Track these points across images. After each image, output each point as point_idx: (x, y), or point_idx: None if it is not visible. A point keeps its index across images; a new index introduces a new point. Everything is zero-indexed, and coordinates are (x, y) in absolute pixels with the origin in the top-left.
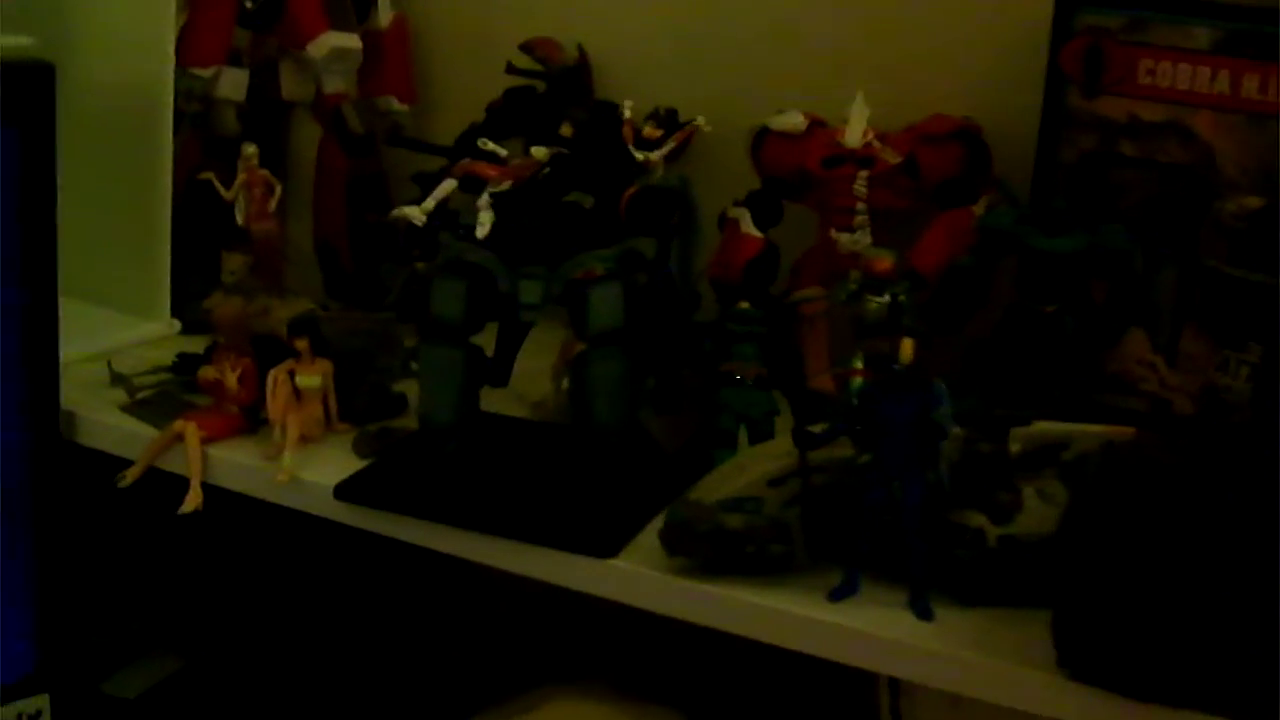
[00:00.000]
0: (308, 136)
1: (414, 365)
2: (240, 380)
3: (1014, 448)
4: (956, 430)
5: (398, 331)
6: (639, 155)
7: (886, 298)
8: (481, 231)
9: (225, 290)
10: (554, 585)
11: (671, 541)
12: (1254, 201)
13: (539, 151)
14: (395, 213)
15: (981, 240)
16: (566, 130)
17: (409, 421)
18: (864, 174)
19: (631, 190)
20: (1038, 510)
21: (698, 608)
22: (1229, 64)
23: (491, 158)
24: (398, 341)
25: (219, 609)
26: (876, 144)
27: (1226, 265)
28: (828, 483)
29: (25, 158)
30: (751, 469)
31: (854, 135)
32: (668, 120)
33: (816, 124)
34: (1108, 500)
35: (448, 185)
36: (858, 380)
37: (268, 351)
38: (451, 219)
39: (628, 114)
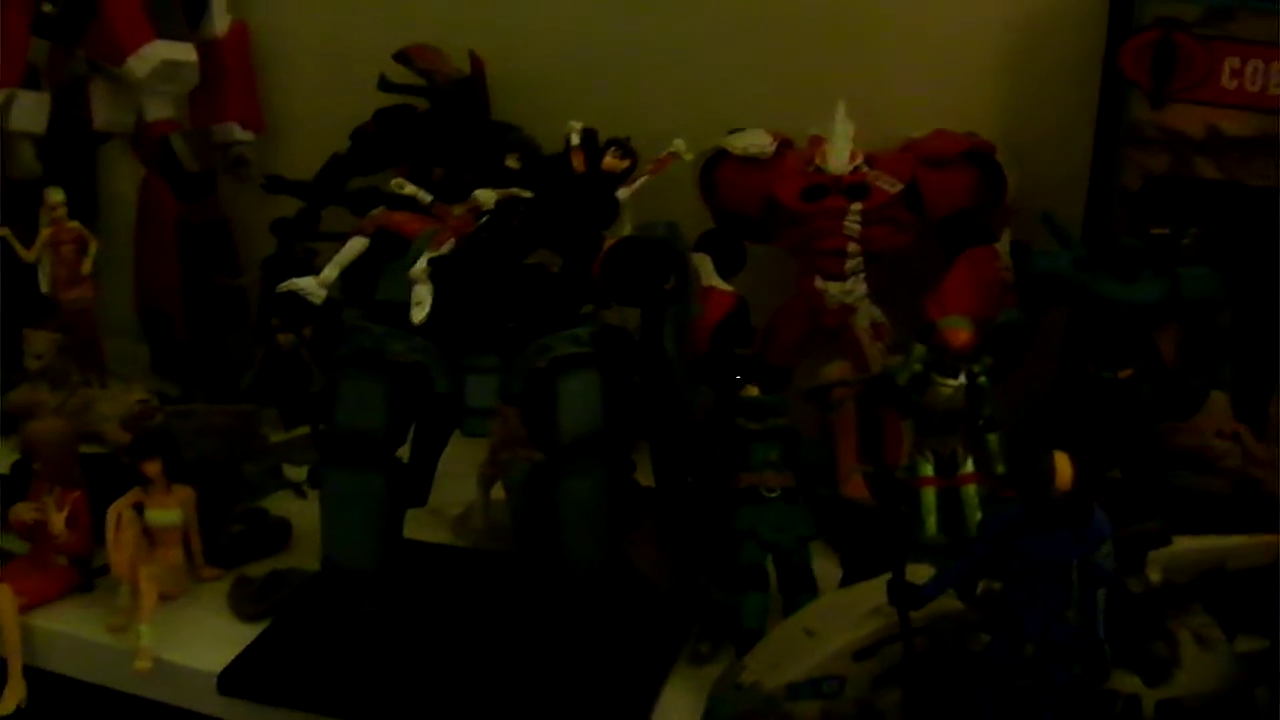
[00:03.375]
0: (126, 176)
1: (288, 470)
2: (69, 521)
3: (1154, 576)
4: None
5: (260, 426)
6: None
7: (962, 380)
8: (420, 314)
9: (30, 379)
10: None
11: None
12: None
13: (485, 196)
14: (285, 285)
15: (1031, 289)
16: (514, 162)
17: (299, 558)
18: (856, 207)
19: (609, 244)
20: (1199, 661)
21: None
22: None
23: (411, 205)
24: (262, 440)
25: None
26: (868, 169)
27: None
28: (932, 650)
29: None
30: (827, 637)
31: (839, 158)
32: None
33: (784, 144)
34: None
35: (355, 245)
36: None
37: (99, 471)
38: (360, 290)
39: (575, 139)
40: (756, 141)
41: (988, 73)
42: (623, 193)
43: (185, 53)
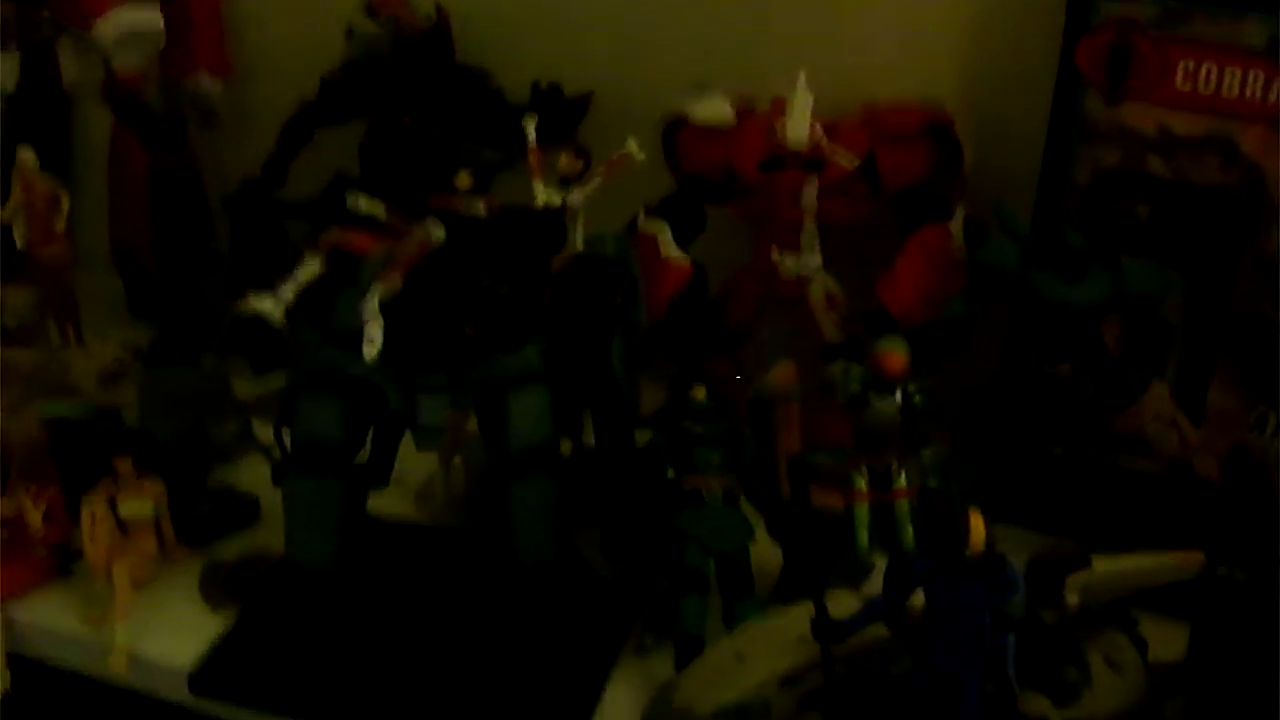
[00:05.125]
0: (99, 123)
1: (258, 429)
2: (46, 516)
3: (1072, 599)
4: None
5: (229, 386)
6: (554, 197)
7: (898, 399)
8: (371, 351)
9: (5, 335)
10: None
11: None
12: None
13: (436, 230)
14: (242, 306)
15: (977, 282)
16: (464, 181)
17: (268, 533)
18: (813, 181)
19: (559, 262)
20: (1108, 683)
21: None
22: None
23: (368, 222)
24: (232, 400)
25: None
26: (825, 143)
27: (1268, 309)
28: (854, 676)
29: None
30: (755, 663)
31: (798, 132)
32: (567, 136)
33: (745, 111)
34: None
35: (311, 267)
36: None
37: (71, 443)
38: (318, 312)
39: (531, 136)
40: (717, 110)
41: (951, 44)
42: (576, 195)
43: (150, 18)
